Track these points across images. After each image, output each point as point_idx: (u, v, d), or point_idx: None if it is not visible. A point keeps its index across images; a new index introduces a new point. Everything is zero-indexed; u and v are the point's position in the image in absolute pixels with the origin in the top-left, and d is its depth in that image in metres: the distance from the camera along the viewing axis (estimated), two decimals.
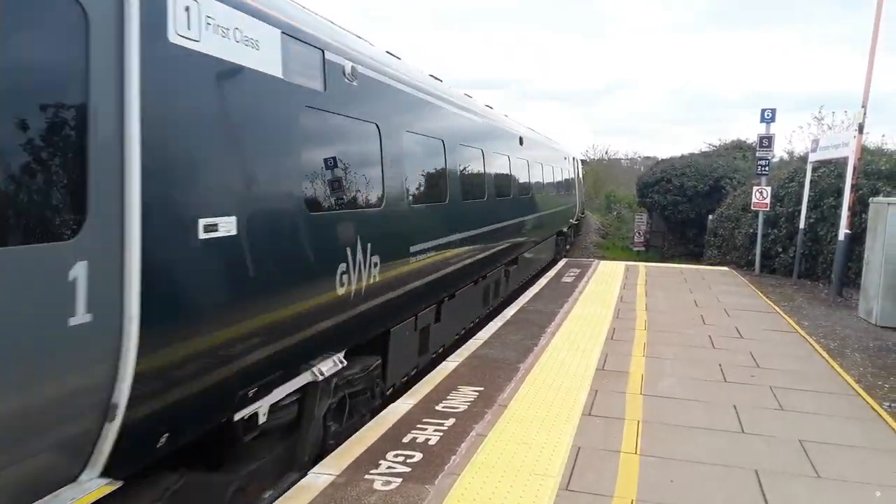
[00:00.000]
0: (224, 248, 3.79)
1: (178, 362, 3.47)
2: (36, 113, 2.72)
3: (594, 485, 4.52)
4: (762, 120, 17.06)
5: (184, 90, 3.51)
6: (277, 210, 4.40)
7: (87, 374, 2.94)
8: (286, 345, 4.51)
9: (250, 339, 4.09)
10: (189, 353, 3.55)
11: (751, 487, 4.56)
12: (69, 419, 2.92)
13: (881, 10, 12.02)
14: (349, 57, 5.51)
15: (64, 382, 2.84)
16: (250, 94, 4.08)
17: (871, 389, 7.13)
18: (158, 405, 3.35)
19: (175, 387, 3.47)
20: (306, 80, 4.77)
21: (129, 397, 3.09)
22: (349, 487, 4.36)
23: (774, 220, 17.13)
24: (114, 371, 3.04)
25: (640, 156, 65.92)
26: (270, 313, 4.28)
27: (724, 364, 7.61)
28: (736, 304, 11.61)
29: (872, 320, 10.83)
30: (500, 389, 6.43)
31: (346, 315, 5.37)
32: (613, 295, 12.08)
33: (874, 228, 11.25)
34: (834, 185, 15.17)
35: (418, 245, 6.98)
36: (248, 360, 4.07)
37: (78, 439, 2.99)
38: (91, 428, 3.02)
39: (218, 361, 3.80)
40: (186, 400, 3.58)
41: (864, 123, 12.43)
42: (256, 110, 4.15)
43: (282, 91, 4.44)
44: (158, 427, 3.42)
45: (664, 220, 29.16)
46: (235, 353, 3.95)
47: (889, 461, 5.10)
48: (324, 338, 5.09)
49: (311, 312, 4.80)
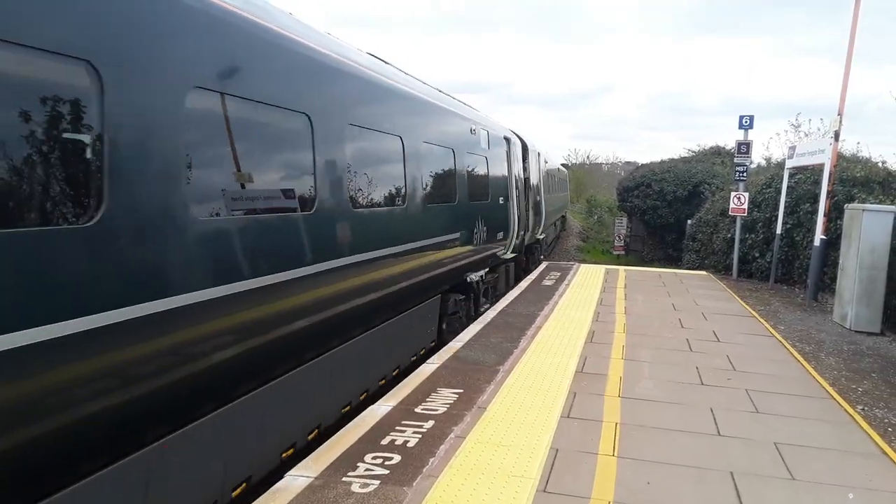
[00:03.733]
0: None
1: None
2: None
3: (572, 487, 4.53)
4: (740, 126, 17.26)
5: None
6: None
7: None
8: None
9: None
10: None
11: (726, 489, 4.60)
12: None
13: (857, 20, 12.23)
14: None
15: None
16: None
17: (846, 393, 7.23)
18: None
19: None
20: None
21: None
22: (326, 490, 4.33)
23: (752, 226, 17.33)
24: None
25: (621, 160, 66.55)
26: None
27: (701, 367, 7.67)
28: (713, 308, 11.72)
29: (847, 325, 10.99)
30: (479, 392, 6.42)
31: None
32: (593, 298, 12.14)
33: (849, 234, 11.42)
34: (810, 191, 15.39)
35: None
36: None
37: None
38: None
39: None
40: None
41: (840, 131, 12.62)
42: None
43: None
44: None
45: (644, 225, 29.38)
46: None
47: (862, 464, 5.17)
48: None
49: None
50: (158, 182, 3.71)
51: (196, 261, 4.06)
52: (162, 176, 3.74)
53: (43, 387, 3.05)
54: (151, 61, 3.69)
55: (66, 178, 3.16)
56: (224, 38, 4.39)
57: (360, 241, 6.28)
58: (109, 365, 3.41)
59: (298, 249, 5.21)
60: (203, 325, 4.14)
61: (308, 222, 5.34)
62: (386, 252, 6.91)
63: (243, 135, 4.70)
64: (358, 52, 7.11)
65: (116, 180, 3.38)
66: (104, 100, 3.31)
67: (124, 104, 3.46)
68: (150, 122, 3.66)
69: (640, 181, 28.42)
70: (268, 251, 4.77)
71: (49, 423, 3.09)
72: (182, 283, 3.89)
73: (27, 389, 2.96)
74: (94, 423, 3.38)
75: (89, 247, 3.23)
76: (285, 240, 5.05)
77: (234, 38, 4.51)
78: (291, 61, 5.26)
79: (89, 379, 3.30)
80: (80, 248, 3.19)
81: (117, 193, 3.38)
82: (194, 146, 4.05)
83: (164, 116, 3.76)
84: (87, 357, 3.26)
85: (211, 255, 4.20)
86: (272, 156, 5.10)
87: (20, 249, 2.88)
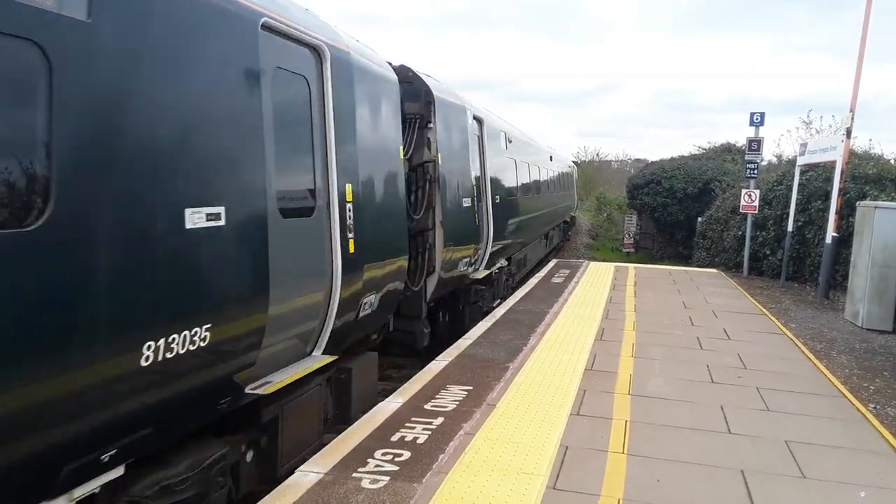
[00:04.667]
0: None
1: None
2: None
3: (581, 484, 4.53)
4: (751, 123, 17.16)
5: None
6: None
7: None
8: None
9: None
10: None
11: (737, 487, 4.58)
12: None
13: (869, 16, 12.13)
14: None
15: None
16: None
17: (857, 391, 7.19)
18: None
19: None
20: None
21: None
22: (336, 486, 4.35)
23: (763, 223, 17.23)
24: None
25: (631, 158, 66.26)
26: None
27: (711, 365, 7.64)
28: (724, 305, 11.67)
29: (859, 323, 10.92)
30: (489, 389, 6.43)
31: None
32: (603, 296, 12.11)
33: (861, 232, 11.34)
34: (822, 188, 15.28)
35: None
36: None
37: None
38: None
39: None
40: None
41: (851, 128, 12.53)
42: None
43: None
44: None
45: (654, 222, 29.28)
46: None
47: (873, 462, 5.15)
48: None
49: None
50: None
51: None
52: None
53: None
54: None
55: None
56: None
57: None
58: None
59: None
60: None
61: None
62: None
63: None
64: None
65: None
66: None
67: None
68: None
69: (650, 178, 28.32)
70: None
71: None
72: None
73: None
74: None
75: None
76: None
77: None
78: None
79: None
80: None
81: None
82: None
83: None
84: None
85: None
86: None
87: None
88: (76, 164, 3.00)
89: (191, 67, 3.80)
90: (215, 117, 3.98)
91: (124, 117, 3.30)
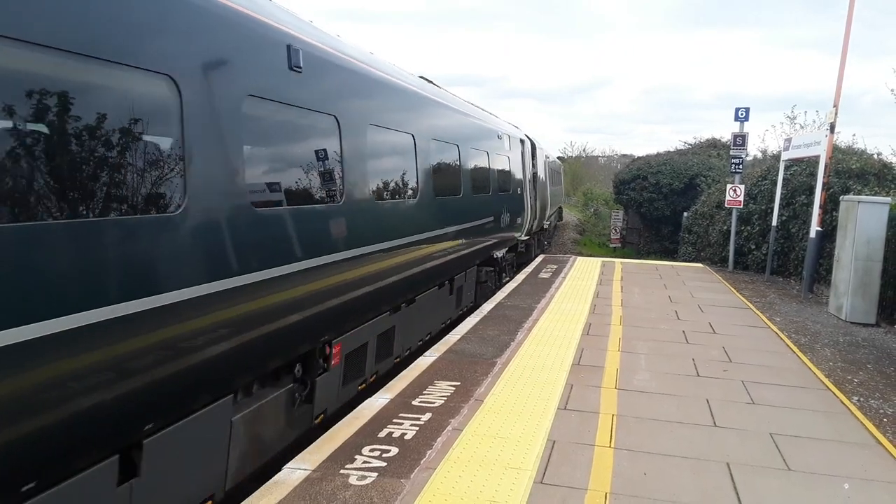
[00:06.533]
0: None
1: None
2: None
3: (569, 478, 4.54)
4: (736, 119, 17.28)
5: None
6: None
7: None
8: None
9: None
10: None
11: (723, 480, 4.62)
12: None
13: (852, 12, 12.22)
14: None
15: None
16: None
17: (841, 384, 7.26)
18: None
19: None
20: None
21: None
22: (324, 482, 4.33)
23: (748, 218, 17.37)
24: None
25: (618, 153, 66.53)
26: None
27: (697, 359, 7.69)
28: (709, 300, 11.75)
29: (842, 316, 11.03)
30: (476, 384, 6.43)
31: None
32: (590, 291, 12.15)
33: (844, 226, 11.45)
34: (806, 183, 15.42)
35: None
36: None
37: None
38: None
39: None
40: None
41: (835, 123, 12.64)
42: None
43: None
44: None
45: (640, 218, 29.44)
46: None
47: (857, 454, 5.20)
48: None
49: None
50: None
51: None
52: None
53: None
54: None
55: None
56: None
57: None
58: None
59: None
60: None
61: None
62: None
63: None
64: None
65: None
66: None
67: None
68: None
69: (637, 174, 28.45)
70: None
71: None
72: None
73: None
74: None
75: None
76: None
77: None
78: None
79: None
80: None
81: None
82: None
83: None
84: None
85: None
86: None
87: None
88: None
89: (518, 161, 16.15)
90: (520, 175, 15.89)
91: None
